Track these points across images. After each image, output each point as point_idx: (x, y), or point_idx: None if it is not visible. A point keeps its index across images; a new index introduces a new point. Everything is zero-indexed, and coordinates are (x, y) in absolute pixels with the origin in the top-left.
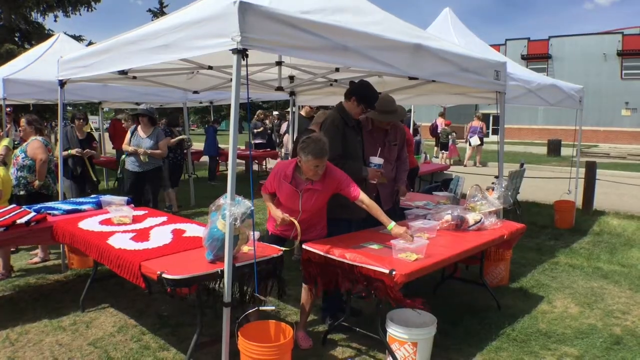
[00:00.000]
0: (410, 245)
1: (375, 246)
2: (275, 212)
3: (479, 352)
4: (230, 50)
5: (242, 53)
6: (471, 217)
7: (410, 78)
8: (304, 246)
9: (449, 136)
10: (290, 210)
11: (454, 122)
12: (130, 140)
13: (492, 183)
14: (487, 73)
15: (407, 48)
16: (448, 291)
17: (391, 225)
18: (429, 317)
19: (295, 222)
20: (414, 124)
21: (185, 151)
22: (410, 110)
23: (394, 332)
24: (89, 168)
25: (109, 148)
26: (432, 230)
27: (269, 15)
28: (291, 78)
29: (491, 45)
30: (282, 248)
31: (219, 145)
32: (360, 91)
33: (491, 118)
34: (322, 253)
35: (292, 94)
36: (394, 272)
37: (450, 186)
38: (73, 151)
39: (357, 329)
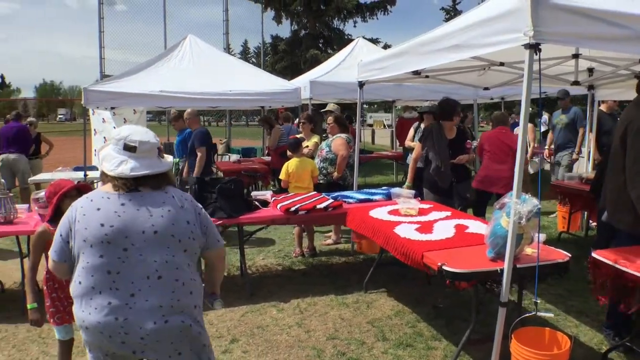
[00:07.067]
0: None
1: None
2: None
3: None
4: (522, 45)
5: (534, 48)
6: None
7: None
8: (593, 254)
9: None
10: None
11: None
12: (413, 137)
13: None
14: None
15: None
16: None
17: None
18: None
19: None
20: None
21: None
22: None
23: None
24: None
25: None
26: None
27: (563, 8)
28: (590, 71)
29: None
30: (568, 254)
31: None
32: None
33: None
34: (611, 263)
35: (590, 87)
36: None
37: None
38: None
39: None
